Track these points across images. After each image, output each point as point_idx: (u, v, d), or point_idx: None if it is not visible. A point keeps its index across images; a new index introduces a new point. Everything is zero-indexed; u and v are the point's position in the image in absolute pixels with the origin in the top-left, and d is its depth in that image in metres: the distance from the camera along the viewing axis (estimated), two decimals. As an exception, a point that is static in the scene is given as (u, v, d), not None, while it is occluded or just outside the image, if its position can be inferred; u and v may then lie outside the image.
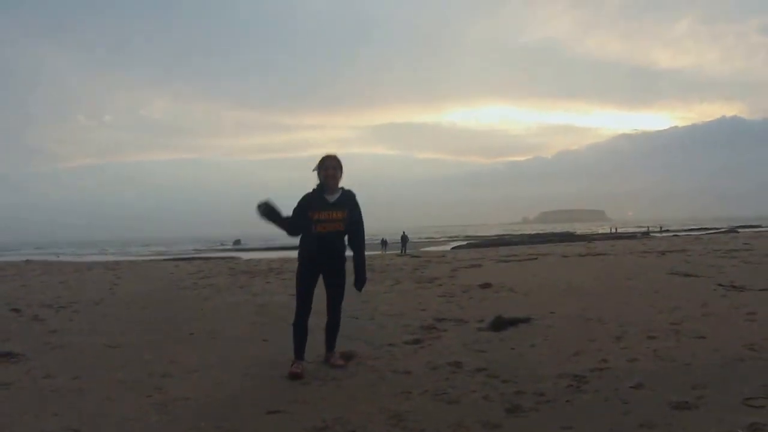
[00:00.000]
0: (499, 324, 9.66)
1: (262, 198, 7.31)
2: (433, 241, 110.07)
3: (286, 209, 7.29)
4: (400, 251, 60.66)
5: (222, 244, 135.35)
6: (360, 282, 7.42)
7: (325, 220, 7.17)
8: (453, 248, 70.16)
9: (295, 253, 7.75)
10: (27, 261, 45.43)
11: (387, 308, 12.58)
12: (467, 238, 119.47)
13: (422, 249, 71.95)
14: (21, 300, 15.71)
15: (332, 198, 7.25)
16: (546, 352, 7.77)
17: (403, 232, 75.93)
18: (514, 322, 9.75)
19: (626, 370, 6.63)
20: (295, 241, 7.48)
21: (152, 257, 72.01)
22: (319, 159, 7.35)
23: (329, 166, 7.25)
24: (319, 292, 7.56)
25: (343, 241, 7.37)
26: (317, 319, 7.77)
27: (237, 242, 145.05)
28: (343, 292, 7.59)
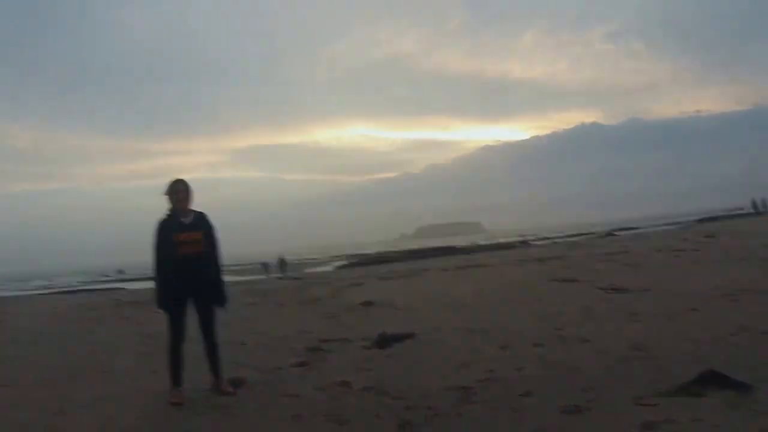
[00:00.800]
0: (384, 341, 9.74)
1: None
2: (315, 262, 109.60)
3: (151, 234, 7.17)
4: (280, 275, 60.27)
5: (105, 276, 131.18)
6: (221, 299, 7.45)
7: (187, 241, 7.14)
8: (337, 267, 70.17)
9: None
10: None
11: (272, 331, 12.47)
12: (348, 257, 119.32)
13: (305, 270, 71.76)
14: None
15: (187, 220, 7.28)
16: (432, 366, 7.86)
17: (280, 257, 75.44)
18: (398, 338, 9.84)
19: (514, 379, 6.76)
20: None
21: (35, 292, 69.90)
22: (168, 185, 7.36)
23: (180, 190, 7.28)
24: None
25: (207, 261, 7.33)
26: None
27: (120, 272, 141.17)
28: (214, 313, 7.49)
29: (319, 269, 73.58)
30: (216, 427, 6.15)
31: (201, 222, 7.33)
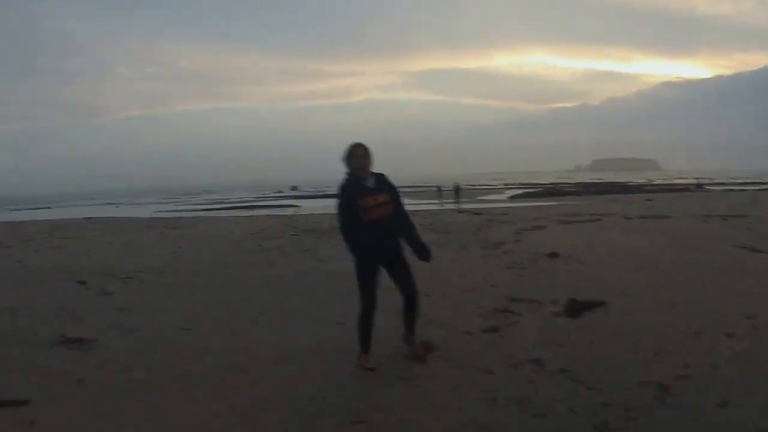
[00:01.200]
0: (575, 309, 9.52)
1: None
2: (490, 189, 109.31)
3: (327, 152, 7.18)
4: (455, 202, 60.43)
5: (280, 191, 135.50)
6: (425, 253, 7.35)
7: (374, 205, 7.02)
8: (510, 197, 70.19)
9: None
10: (88, 219, 45.48)
11: (458, 281, 12.42)
12: (522, 186, 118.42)
13: (479, 197, 71.76)
14: (86, 269, 15.75)
15: (369, 183, 7.12)
16: (626, 348, 7.58)
17: (456, 183, 75.84)
18: (589, 307, 9.58)
19: (710, 379, 6.41)
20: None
21: (212, 207, 72.81)
22: (347, 149, 7.17)
23: (359, 155, 7.13)
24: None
25: (396, 222, 7.24)
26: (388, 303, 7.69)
27: (294, 188, 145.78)
28: (409, 266, 7.38)
29: (492, 198, 73.40)
30: (408, 401, 6.12)
31: (384, 183, 7.21)
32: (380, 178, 7.22)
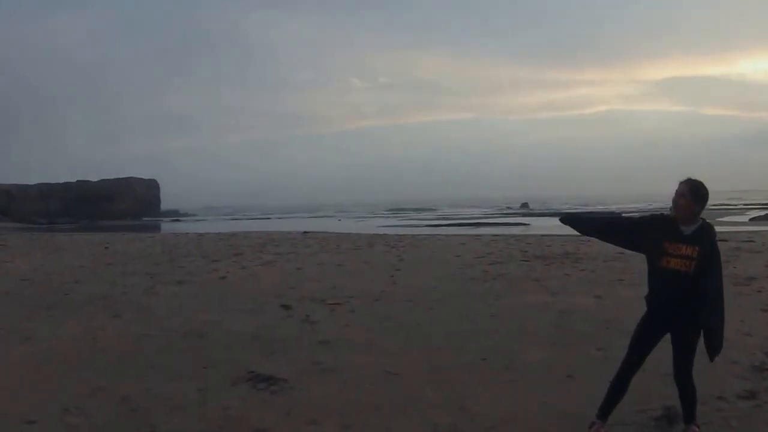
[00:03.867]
0: None
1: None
2: (728, 210, 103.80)
3: (560, 168, 6.10)
4: None
5: (509, 208, 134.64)
6: (714, 348, 6.02)
7: (673, 254, 6.02)
8: (752, 219, 66.32)
9: None
10: (305, 233, 45.81)
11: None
12: (764, 206, 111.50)
13: (717, 219, 68.43)
14: (294, 291, 15.46)
15: (687, 230, 6.08)
16: None
17: None
18: None
19: None
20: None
21: (436, 223, 73.07)
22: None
23: (676, 193, 6.13)
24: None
25: (696, 286, 5.99)
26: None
27: (524, 205, 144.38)
28: (693, 350, 6.16)
29: (732, 219, 69.56)
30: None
31: (702, 236, 6.10)
32: (704, 228, 6.17)
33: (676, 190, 6.09)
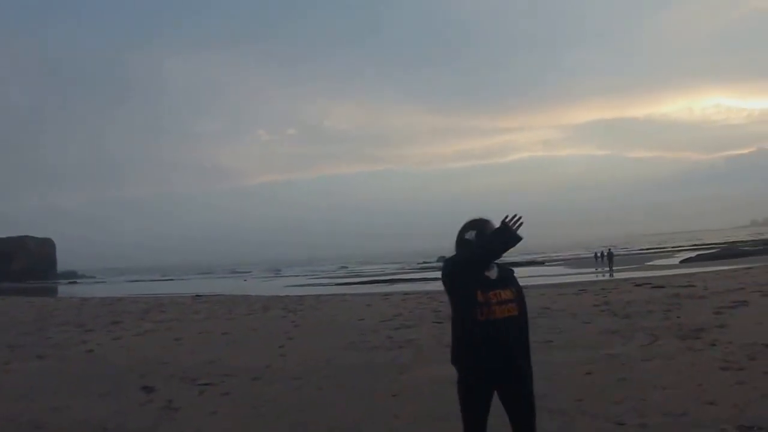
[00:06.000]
0: None
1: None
2: (657, 252, 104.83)
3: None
4: (608, 270, 60.62)
5: (425, 261, 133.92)
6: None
7: (494, 302, 5.43)
8: (682, 261, 66.85)
9: None
10: (196, 297, 43.77)
11: (660, 397, 9.29)
12: (694, 247, 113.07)
13: (647, 263, 68.59)
14: (164, 367, 13.91)
15: (492, 274, 5.59)
16: None
17: (609, 249, 72.81)
18: None
19: None
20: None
21: (345, 281, 72.07)
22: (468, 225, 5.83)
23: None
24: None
25: (522, 332, 5.60)
26: None
27: (441, 258, 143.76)
28: (534, 407, 5.61)
29: (662, 263, 69.98)
30: None
31: (510, 276, 5.73)
32: (506, 268, 5.83)
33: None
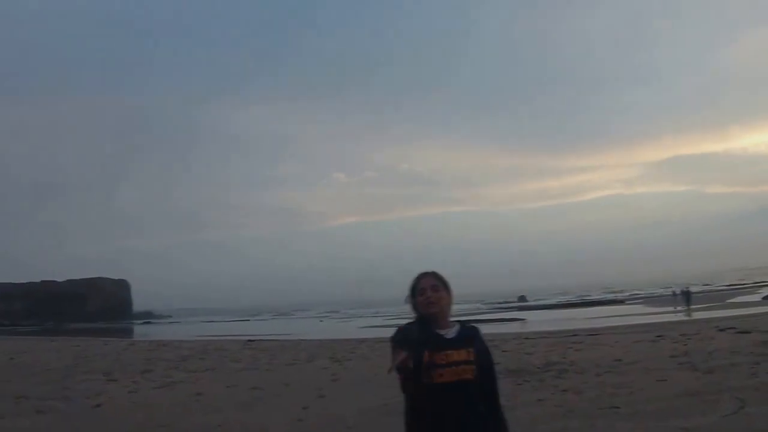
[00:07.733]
0: None
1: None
2: (738, 289, 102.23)
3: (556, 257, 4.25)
4: (685, 308, 60.70)
5: (506, 302, 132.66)
6: None
7: (446, 364, 4.86)
8: (764, 297, 66.32)
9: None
10: (248, 342, 41.20)
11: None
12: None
13: (728, 300, 66.43)
14: (165, 430, 12.71)
15: (448, 333, 5.02)
16: None
17: (687, 287, 71.25)
18: None
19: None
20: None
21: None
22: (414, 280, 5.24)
23: (427, 287, 5.10)
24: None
25: (477, 397, 4.96)
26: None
27: (522, 298, 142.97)
28: None
29: (743, 300, 68.33)
30: None
31: (470, 335, 5.13)
32: (468, 328, 5.25)
33: (421, 287, 5.11)
